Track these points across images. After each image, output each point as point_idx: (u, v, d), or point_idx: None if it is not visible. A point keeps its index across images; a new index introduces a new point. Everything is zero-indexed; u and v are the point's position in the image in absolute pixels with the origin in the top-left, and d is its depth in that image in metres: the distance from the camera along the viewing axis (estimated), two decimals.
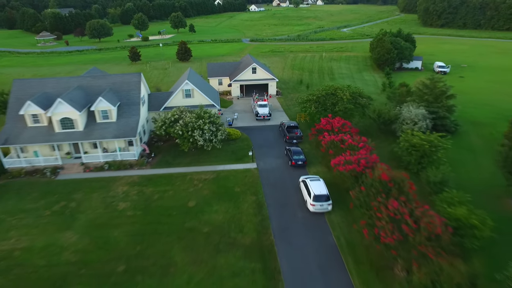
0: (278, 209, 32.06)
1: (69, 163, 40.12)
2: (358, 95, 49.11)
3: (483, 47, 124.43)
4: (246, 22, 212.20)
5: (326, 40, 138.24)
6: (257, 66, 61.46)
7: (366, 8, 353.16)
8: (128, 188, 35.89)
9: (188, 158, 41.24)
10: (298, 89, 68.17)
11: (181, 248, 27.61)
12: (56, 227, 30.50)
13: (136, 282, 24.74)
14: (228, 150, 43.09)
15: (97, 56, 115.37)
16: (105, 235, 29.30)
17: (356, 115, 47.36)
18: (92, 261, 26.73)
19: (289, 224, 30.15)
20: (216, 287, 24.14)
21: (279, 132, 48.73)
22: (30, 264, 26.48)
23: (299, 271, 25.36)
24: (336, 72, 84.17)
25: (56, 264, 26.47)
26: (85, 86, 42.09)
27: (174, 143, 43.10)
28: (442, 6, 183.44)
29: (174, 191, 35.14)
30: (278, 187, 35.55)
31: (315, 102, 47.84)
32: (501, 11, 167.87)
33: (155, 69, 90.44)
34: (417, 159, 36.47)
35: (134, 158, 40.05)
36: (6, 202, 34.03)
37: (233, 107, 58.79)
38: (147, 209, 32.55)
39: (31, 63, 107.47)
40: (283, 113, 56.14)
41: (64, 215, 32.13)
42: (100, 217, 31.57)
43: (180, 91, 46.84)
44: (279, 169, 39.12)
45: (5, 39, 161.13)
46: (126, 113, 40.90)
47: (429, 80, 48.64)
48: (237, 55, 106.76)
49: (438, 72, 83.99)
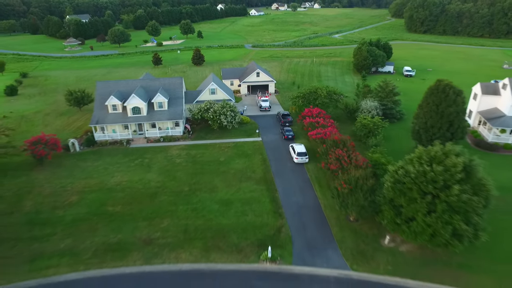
0: (275, 162, 52.14)
1: (136, 137, 60.13)
2: (333, 93, 69.27)
3: (452, 53, 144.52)
4: (247, 28, 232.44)
5: (318, 46, 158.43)
6: (260, 71, 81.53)
7: (360, 12, 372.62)
8: (179, 151, 55.93)
9: (215, 134, 61.31)
10: (291, 89, 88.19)
11: (219, 180, 47.62)
12: (141, 171, 50.49)
13: (196, 195, 44.67)
14: (242, 129, 63.18)
15: (122, 60, 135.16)
16: (172, 174, 49.31)
17: (330, 106, 67.55)
18: (169, 186, 46.70)
19: (282, 169, 50.22)
20: (241, 196, 44.13)
21: (276, 118, 68.76)
22: (134, 187, 46.45)
23: (287, 190, 45.35)
24: (323, 75, 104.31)
25: (148, 188, 46.43)
26: (145, 86, 62.11)
27: (205, 125, 63.15)
28: (424, 14, 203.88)
29: (209, 153, 55.19)
30: (275, 151, 55.65)
31: (302, 98, 68.00)
32: (475, 20, 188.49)
33: (175, 72, 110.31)
34: (366, 133, 56.55)
35: (179, 133, 60.08)
36: (105, 159, 54.03)
37: (242, 102, 78.80)
38: (194, 162, 52.57)
39: (67, 66, 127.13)
40: (279, 106, 76.23)
41: (143, 165, 52.14)
42: (166, 166, 51.57)
43: (207, 89, 66.90)
44: (276, 141, 59.22)
45: (34, 44, 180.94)
46: (174, 104, 60.91)
47: (382, 83, 68.79)
48: (241, 60, 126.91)
49: (406, 76, 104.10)
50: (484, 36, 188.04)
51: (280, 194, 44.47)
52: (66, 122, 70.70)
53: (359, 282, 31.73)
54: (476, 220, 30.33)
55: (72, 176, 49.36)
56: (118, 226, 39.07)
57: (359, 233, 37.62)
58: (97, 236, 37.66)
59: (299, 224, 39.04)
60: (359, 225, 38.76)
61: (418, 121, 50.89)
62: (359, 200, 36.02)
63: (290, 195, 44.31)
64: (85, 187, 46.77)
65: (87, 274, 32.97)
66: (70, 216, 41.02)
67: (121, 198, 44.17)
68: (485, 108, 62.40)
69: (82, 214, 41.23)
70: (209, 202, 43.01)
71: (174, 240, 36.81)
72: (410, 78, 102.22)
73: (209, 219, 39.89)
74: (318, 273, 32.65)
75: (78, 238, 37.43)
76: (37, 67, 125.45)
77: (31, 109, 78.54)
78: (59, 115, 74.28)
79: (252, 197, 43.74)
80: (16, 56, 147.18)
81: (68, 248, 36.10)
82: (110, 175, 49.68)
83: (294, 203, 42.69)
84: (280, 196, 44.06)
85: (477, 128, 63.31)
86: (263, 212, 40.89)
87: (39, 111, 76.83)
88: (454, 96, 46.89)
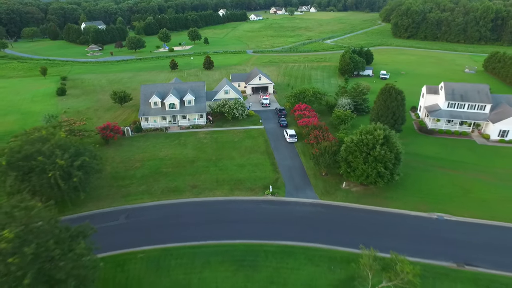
0: (273, 141, 73.95)
1: (171, 125, 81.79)
2: (318, 93, 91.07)
3: (427, 58, 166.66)
4: (248, 34, 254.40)
5: (311, 51, 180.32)
6: (261, 75, 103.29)
7: (354, 16, 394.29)
8: (204, 135, 77.64)
9: (229, 123, 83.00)
10: (286, 89, 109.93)
11: (235, 152, 69.35)
12: (179, 147, 72.17)
13: (221, 162, 66.26)
14: (249, 120, 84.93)
15: (141, 65, 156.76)
16: (202, 149, 71.02)
17: (315, 103, 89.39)
18: (201, 157, 68.34)
19: (278, 146, 71.99)
20: (251, 162, 65.78)
21: (274, 112, 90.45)
22: (177, 158, 68.10)
23: (281, 158, 67.08)
24: (313, 78, 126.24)
25: (187, 157, 68.10)
26: (177, 88, 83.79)
27: (221, 116, 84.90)
28: (408, 22, 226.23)
29: (226, 136, 76.90)
30: (273, 134, 77.44)
31: (293, 97, 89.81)
32: (452, 27, 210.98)
33: (190, 75, 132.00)
34: (339, 122, 78.26)
35: (203, 123, 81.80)
36: (152, 140, 75.65)
37: (248, 100, 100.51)
38: (216, 142, 74.26)
39: (96, 70, 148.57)
40: (277, 103, 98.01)
41: (180, 144, 73.81)
42: (197, 144, 73.27)
43: (222, 90, 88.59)
44: (274, 128, 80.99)
45: (58, 50, 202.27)
46: (199, 101, 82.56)
47: (355, 85, 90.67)
48: (245, 65, 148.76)
49: (381, 78, 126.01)
50: (460, 42, 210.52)
51: (277, 160, 66.25)
52: (113, 115, 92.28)
53: (323, 205, 53.55)
54: (391, 167, 52.10)
55: (132, 151, 71.01)
56: (173, 178, 60.75)
57: (327, 181, 59.45)
58: (161, 184, 59.32)
59: (289, 176, 60.84)
60: (327, 178, 60.55)
61: (373, 112, 72.79)
62: (326, 159, 57.81)
63: (283, 160, 66.12)
64: (143, 158, 68.43)
65: (159, 203, 54.60)
66: (139, 174, 62.65)
67: (170, 164, 65.85)
68: (429, 104, 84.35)
69: (146, 173, 62.87)
70: (230, 165, 64.77)
71: (210, 186, 58.50)
72: (385, 80, 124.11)
73: (231, 174, 61.66)
74: (300, 201, 54.46)
75: (149, 185, 59.08)
76: (70, 71, 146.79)
77: (82, 106, 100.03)
78: (106, 110, 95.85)
79: (258, 162, 65.52)
80: (48, 61, 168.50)
81: (144, 190, 57.73)
82: (158, 150, 71.35)
83: (286, 165, 64.50)
84: (277, 161, 65.83)
85: (424, 119, 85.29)
86: (266, 170, 62.68)
87: (89, 108, 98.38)
88: (396, 95, 68.80)
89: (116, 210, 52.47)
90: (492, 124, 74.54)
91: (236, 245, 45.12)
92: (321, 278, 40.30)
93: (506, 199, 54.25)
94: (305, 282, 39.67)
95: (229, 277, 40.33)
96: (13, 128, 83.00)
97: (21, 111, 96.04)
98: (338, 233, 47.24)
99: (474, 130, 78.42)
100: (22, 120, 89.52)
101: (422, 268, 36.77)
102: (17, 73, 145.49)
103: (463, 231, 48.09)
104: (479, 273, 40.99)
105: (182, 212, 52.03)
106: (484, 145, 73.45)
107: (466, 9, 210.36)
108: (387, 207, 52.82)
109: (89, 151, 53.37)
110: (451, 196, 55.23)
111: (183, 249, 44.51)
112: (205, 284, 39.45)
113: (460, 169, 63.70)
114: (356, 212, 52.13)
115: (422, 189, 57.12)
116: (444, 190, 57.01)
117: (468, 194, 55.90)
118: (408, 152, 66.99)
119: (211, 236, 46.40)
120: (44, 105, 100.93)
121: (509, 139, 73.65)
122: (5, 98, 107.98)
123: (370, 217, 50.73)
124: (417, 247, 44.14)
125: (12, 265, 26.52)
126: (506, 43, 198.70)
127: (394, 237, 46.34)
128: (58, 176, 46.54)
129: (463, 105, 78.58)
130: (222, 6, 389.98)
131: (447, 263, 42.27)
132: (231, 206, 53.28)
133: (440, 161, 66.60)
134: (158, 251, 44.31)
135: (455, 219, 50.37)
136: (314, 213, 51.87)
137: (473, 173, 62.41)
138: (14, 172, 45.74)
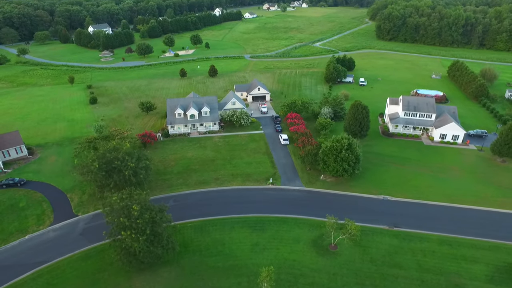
0: (271, 144, 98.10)
1: (192, 131, 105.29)
2: (306, 102, 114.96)
3: (403, 62, 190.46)
4: (244, 36, 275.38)
5: (302, 56, 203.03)
6: (260, 87, 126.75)
7: (343, 13, 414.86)
8: (219, 139, 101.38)
9: (237, 129, 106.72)
10: (280, 97, 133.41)
11: (243, 153, 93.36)
12: (201, 149, 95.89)
13: (234, 160, 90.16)
14: (252, 126, 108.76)
15: (153, 71, 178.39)
16: (218, 151, 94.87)
17: (303, 111, 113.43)
18: (218, 157, 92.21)
19: (275, 147, 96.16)
20: (256, 160, 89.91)
21: (272, 119, 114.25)
22: (201, 157, 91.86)
23: (278, 157, 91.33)
24: (302, 85, 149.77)
25: (208, 157, 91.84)
26: (196, 101, 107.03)
27: (230, 123, 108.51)
28: (389, 25, 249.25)
29: (235, 139, 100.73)
30: (271, 138, 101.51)
31: (286, 106, 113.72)
32: (428, 31, 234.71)
33: (198, 83, 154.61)
34: (321, 128, 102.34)
35: (217, 129, 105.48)
36: (179, 144, 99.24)
37: (249, 107, 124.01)
38: (228, 144, 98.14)
39: (114, 77, 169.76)
40: (273, 110, 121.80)
41: (201, 147, 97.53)
42: (214, 146, 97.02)
43: (230, 102, 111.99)
44: (272, 132, 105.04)
45: (72, 55, 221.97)
46: (213, 112, 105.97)
47: (335, 96, 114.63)
48: (244, 71, 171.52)
49: (360, 85, 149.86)
50: (436, 45, 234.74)
51: (275, 159, 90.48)
52: (142, 122, 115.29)
53: (307, 191, 78.11)
54: (352, 164, 76.54)
55: (166, 153, 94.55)
56: (201, 174, 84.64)
57: (311, 174, 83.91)
58: (193, 177, 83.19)
59: (283, 171, 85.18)
60: (311, 172, 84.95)
61: (346, 122, 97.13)
62: (309, 159, 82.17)
63: (279, 159, 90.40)
64: (175, 158, 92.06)
65: (194, 191, 78.62)
66: (176, 170, 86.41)
67: (196, 162, 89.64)
68: (391, 112, 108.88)
69: (181, 169, 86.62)
70: (240, 163, 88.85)
71: (228, 178, 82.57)
72: (363, 87, 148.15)
73: (242, 170, 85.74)
74: (291, 188, 78.93)
75: (184, 178, 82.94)
76: (92, 78, 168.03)
77: (113, 113, 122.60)
78: (135, 118, 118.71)
79: (261, 161, 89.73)
80: (68, 67, 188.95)
81: (182, 182, 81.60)
82: (185, 152, 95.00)
83: (281, 163, 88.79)
84: (275, 160, 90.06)
85: (387, 124, 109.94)
86: (267, 167, 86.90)
87: (120, 115, 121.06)
88: (361, 109, 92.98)
89: (166, 197, 76.50)
90: (435, 129, 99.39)
91: (250, 217, 69.59)
92: (303, 235, 65.01)
93: (431, 185, 79.39)
94: (294, 238, 64.36)
95: (247, 236, 64.84)
96: (66, 134, 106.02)
97: (66, 119, 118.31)
98: (316, 209, 71.85)
99: (423, 133, 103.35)
100: (70, 127, 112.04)
101: (365, 229, 61.80)
102: (46, 80, 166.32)
103: (398, 206, 73.18)
104: (402, 232, 66.07)
105: (211, 197, 76.26)
106: (429, 145, 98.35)
107: (441, 14, 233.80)
108: (350, 191, 77.64)
109: (144, 156, 76.89)
110: (395, 184, 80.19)
111: (216, 221, 68.86)
112: (233, 240, 63.94)
113: (407, 164, 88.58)
114: (329, 196, 76.84)
115: (376, 179, 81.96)
116: (391, 180, 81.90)
117: (407, 182, 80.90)
118: (371, 152, 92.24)
119: (233, 212, 70.83)
120: (82, 113, 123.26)
121: (447, 140, 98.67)
122: (47, 107, 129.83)
123: (338, 199, 75.57)
124: (365, 217, 68.93)
125: (139, 223, 50.66)
126: (475, 46, 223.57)
127: (352, 210, 71.11)
128: (130, 174, 70.23)
129: (416, 114, 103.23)
130: (217, 3, 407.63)
131: (383, 226, 67.30)
132: (244, 193, 77.60)
133: (394, 158, 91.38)
134: (200, 222, 68.63)
135: (395, 199, 75.38)
136: (300, 196, 76.50)
137: (415, 167, 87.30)
138: (102, 172, 69.29)
